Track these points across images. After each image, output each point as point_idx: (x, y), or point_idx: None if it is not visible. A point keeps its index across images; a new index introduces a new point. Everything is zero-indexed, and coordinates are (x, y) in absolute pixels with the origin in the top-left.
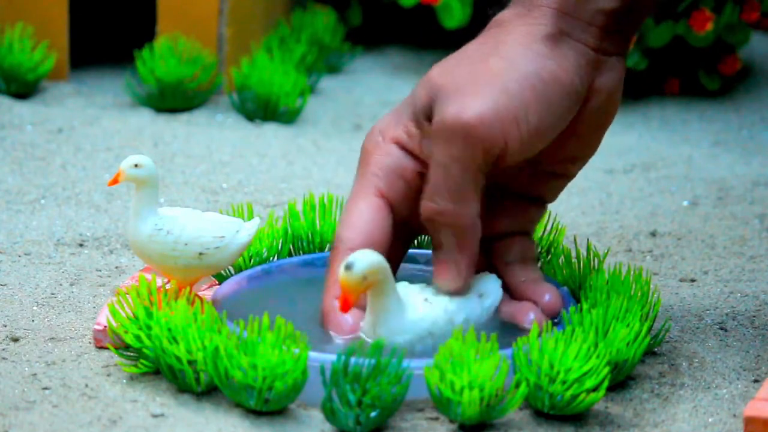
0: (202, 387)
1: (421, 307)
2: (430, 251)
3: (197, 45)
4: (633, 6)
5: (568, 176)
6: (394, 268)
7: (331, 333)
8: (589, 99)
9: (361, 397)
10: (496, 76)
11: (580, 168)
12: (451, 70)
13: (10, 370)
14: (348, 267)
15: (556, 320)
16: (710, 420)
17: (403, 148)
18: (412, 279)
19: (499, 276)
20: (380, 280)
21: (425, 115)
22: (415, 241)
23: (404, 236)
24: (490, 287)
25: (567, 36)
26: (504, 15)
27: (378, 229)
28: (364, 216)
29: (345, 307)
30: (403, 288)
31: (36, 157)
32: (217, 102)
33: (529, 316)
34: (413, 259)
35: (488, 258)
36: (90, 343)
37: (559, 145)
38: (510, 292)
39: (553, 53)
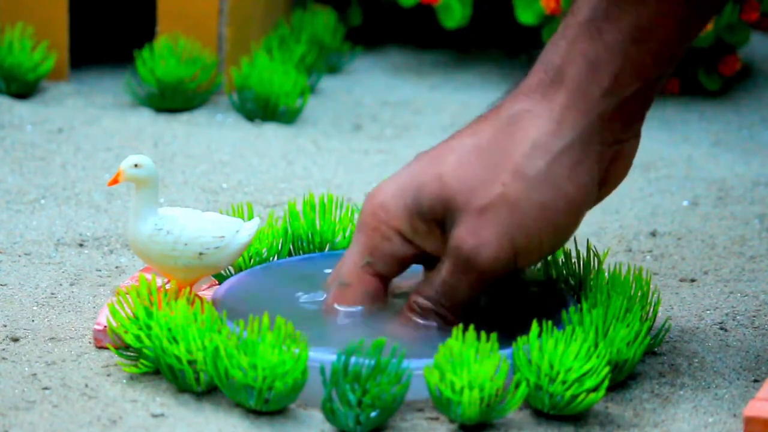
0: (202, 387)
1: None
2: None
3: (197, 45)
4: (652, 86)
5: None
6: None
7: None
8: (602, 185)
9: (361, 397)
10: (514, 203)
11: None
12: (465, 174)
13: (10, 370)
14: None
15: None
16: (710, 420)
17: (405, 238)
18: None
19: None
20: None
21: (433, 216)
22: None
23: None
24: None
25: (587, 138)
26: (521, 103)
27: (373, 304)
28: (362, 292)
29: None
30: None
31: (36, 157)
32: (217, 102)
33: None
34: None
35: None
36: (90, 343)
37: None
38: None
39: (572, 168)
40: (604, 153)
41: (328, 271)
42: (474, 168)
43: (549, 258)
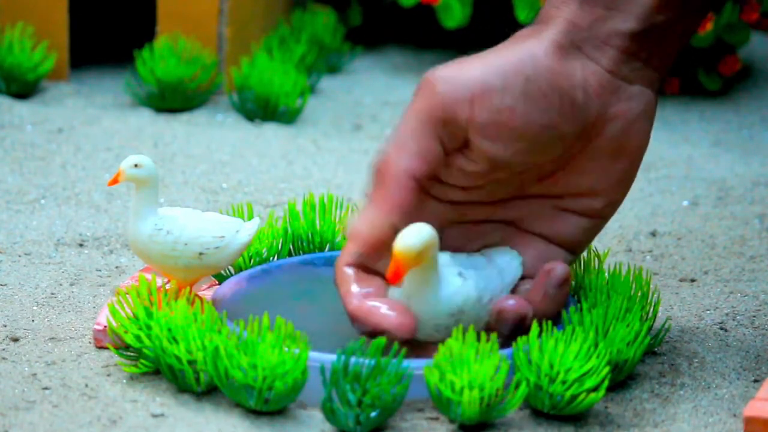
0: (202, 387)
1: (456, 281)
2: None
3: (197, 45)
4: (653, 30)
5: (594, 216)
6: None
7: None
8: (602, 126)
9: (361, 397)
10: (488, 56)
11: (607, 207)
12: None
13: (10, 370)
14: (404, 240)
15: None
16: (710, 420)
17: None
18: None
19: None
20: (431, 256)
21: None
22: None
23: None
24: (510, 263)
25: (578, 50)
26: (522, 30)
27: (380, 242)
28: (371, 228)
29: (395, 279)
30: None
31: (36, 157)
32: (217, 102)
33: (556, 268)
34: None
35: None
36: (90, 343)
37: (571, 172)
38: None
39: (559, 59)
40: (600, 75)
41: None
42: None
43: None
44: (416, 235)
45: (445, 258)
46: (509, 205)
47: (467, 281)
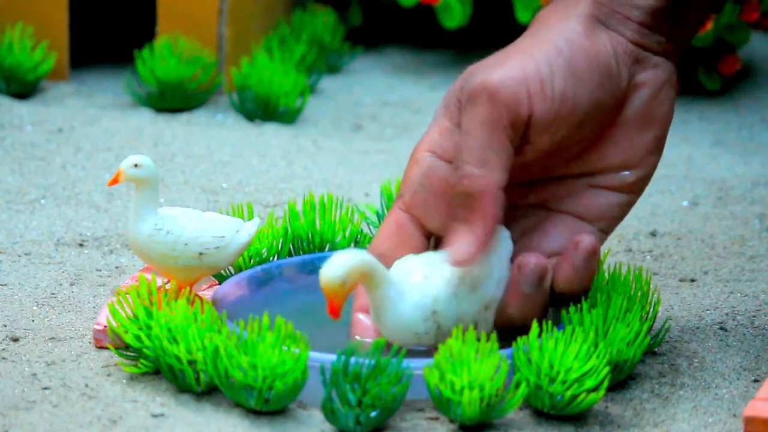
0: (202, 387)
1: (420, 288)
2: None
3: (197, 45)
4: (673, 5)
5: (627, 190)
6: None
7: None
8: (629, 94)
9: (361, 397)
10: (524, 48)
11: (639, 180)
12: (485, 60)
13: (10, 370)
14: (324, 273)
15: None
16: (710, 420)
17: (434, 152)
18: None
19: None
20: (366, 276)
21: (457, 103)
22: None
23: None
24: (501, 239)
25: (603, 24)
26: (543, 11)
27: (396, 243)
28: (386, 230)
29: (333, 313)
30: (403, 266)
31: (36, 157)
32: (217, 102)
33: (584, 239)
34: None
35: None
36: (90, 343)
37: (602, 147)
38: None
39: (587, 32)
40: (625, 45)
41: None
42: (495, 54)
43: None
44: (336, 265)
45: (406, 266)
46: (540, 187)
47: (433, 282)
